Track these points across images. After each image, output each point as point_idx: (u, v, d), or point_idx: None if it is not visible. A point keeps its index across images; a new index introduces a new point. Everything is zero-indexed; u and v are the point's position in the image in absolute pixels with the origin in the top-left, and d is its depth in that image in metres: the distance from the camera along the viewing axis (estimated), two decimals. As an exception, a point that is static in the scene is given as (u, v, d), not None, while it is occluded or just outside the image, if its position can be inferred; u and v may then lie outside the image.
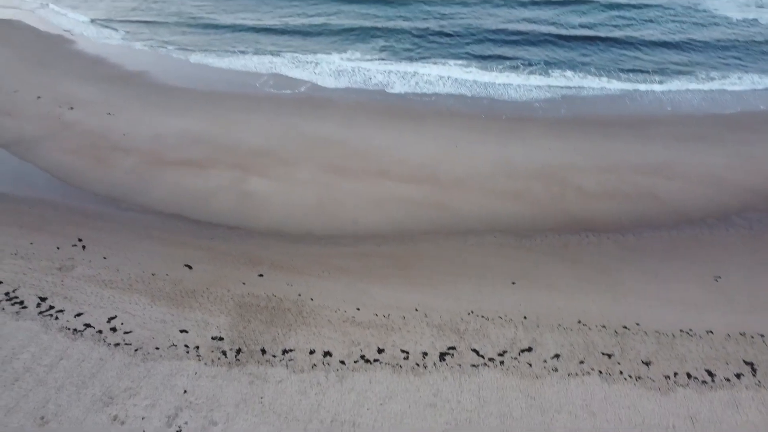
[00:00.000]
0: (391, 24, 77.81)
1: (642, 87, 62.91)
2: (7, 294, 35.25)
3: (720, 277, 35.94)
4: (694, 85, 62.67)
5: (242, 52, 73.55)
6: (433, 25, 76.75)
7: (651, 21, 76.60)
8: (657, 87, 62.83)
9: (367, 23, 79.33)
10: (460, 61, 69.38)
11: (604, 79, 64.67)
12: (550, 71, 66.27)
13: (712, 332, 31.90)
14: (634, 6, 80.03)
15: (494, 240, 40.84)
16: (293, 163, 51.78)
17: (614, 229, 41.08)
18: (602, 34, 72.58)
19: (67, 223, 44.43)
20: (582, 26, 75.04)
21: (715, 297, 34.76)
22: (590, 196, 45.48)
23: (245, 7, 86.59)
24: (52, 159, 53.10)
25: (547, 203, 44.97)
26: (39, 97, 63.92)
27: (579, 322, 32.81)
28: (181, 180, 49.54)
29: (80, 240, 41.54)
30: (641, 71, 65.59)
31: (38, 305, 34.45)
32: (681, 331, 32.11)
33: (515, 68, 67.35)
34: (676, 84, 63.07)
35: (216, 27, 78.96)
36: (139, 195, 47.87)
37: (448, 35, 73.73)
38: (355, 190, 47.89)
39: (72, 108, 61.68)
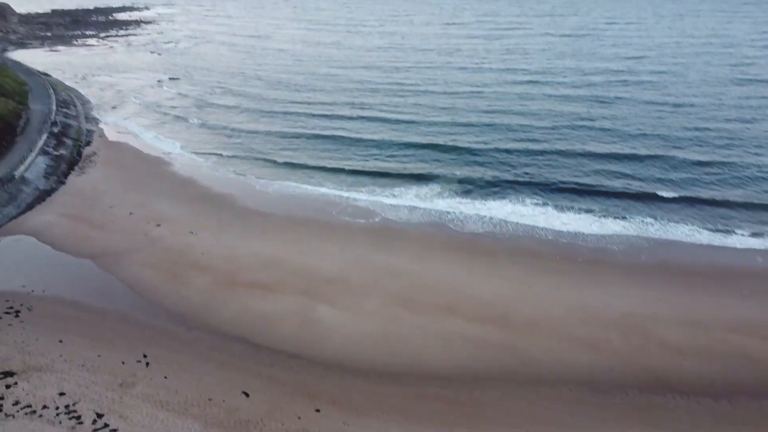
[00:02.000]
0: (466, 168, 79.81)
1: (732, 239, 59.82)
2: (67, 407, 35.19)
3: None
4: (790, 242, 59.01)
5: (320, 184, 77.07)
6: (507, 168, 78.04)
7: (741, 178, 74.21)
8: (751, 241, 59.55)
9: (443, 167, 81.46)
10: (534, 200, 69.29)
11: (690, 227, 62.17)
12: (628, 216, 64.69)
13: None
14: (724, 163, 78.16)
15: (569, 394, 37.71)
16: (361, 292, 51.41)
17: (705, 392, 37.09)
18: (687, 192, 70.29)
19: (135, 337, 45.05)
20: (662, 180, 73.59)
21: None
22: (676, 352, 41.91)
23: (327, 149, 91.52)
24: (132, 272, 55.27)
25: (627, 356, 41.70)
26: (131, 213, 68.16)
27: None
28: (249, 302, 49.92)
29: (145, 356, 41.74)
30: (732, 224, 62.71)
31: (94, 422, 34.02)
32: None
33: (590, 211, 66.31)
34: (771, 240, 59.60)
35: (297, 166, 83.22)
36: (208, 314, 48.35)
37: (524, 180, 74.28)
38: (422, 326, 46.45)
39: (159, 225, 65.13)
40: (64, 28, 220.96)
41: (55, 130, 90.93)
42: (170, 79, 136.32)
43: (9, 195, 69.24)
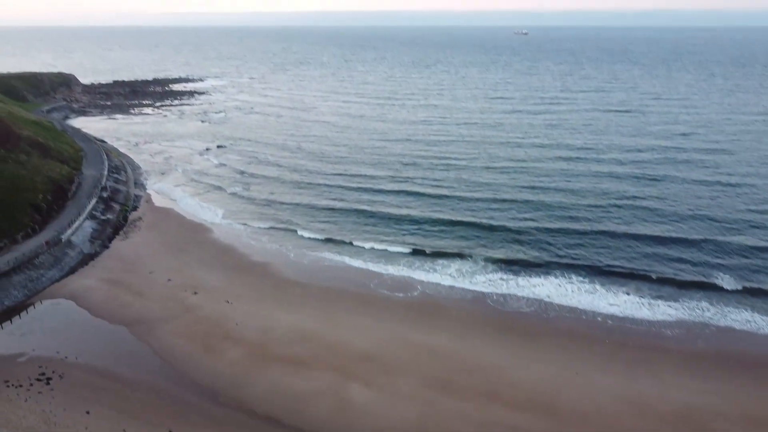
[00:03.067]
0: (509, 245, 77.99)
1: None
2: (86, 487, 33.64)
3: None
4: None
5: (359, 256, 76.24)
6: (550, 247, 75.61)
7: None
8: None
9: (485, 243, 79.84)
10: (579, 281, 66.48)
11: (750, 314, 58.15)
12: (681, 300, 61.09)
13: None
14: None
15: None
16: (397, 372, 49.09)
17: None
18: (746, 282, 65.94)
19: (163, 412, 43.63)
20: (717, 266, 69.84)
21: None
22: (741, 454, 37.99)
23: (367, 222, 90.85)
24: (165, 342, 54.44)
25: (687, 457, 37.97)
26: (169, 280, 68.25)
27: None
28: (281, 378, 48.14)
29: (170, 432, 40.21)
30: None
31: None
32: None
33: (639, 293, 62.98)
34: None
35: (337, 238, 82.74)
36: (238, 389, 46.72)
37: (568, 260, 71.53)
38: (461, 412, 43.69)
39: (196, 293, 64.83)
40: (123, 97, 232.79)
41: (105, 194, 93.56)
42: (217, 147, 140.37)
43: (54, 258, 70.49)
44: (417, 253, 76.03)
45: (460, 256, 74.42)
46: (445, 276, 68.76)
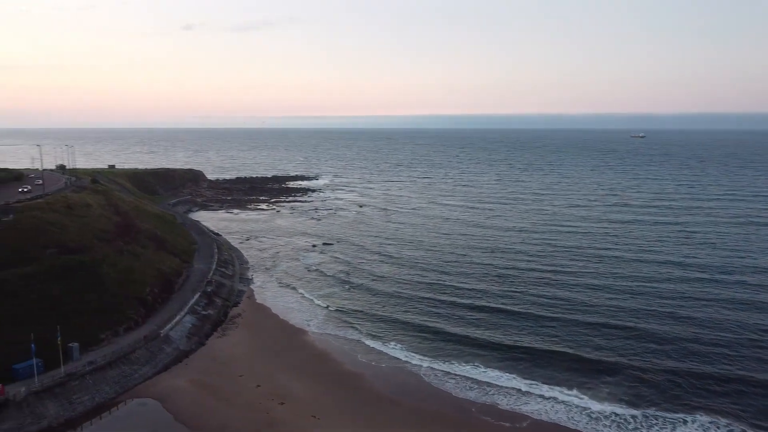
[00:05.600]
0: (635, 361, 68.20)
1: None
2: None
3: None
4: None
5: (467, 362, 69.70)
6: (688, 388, 64.25)
7: None
8: None
9: (607, 356, 70.77)
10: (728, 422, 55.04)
11: None
12: None
13: None
14: None
15: None
16: None
17: None
18: None
19: None
20: None
21: None
22: None
23: (475, 325, 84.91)
24: (243, 460, 49.99)
25: None
26: (258, 386, 64.72)
27: None
28: None
29: None
30: None
31: None
32: None
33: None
34: None
35: (440, 345, 76.77)
36: None
37: (718, 407, 60.03)
38: None
39: (282, 403, 60.54)
40: (242, 193, 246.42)
41: (209, 289, 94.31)
42: (324, 244, 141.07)
43: (149, 354, 69.77)
44: (524, 370, 67.99)
45: (570, 382, 65.39)
46: (558, 408, 59.83)
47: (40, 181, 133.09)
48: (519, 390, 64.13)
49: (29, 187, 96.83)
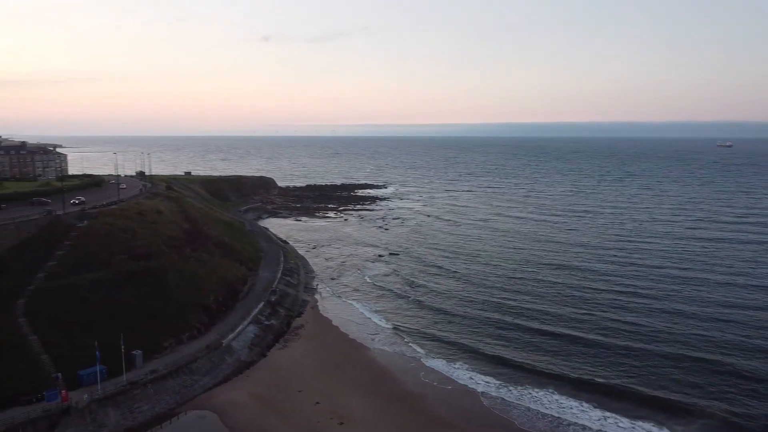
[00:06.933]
0: (725, 403, 61.47)
1: None
2: None
3: None
4: None
5: (539, 387, 65.55)
6: None
7: None
8: None
9: (692, 394, 64.39)
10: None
11: None
12: None
13: None
14: None
15: None
16: None
17: None
18: None
19: None
20: None
21: None
22: None
23: (543, 349, 79.95)
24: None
25: None
26: (317, 403, 62.55)
27: None
28: None
29: None
30: None
31: None
32: None
33: None
34: None
35: (507, 367, 72.12)
36: None
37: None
38: None
39: (342, 423, 58.03)
40: (312, 200, 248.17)
41: (273, 298, 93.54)
42: (390, 254, 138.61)
43: (211, 364, 69.11)
44: (597, 410, 62.16)
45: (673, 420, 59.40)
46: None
47: (124, 186, 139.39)
48: (589, 428, 58.54)
49: (82, 198, 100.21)
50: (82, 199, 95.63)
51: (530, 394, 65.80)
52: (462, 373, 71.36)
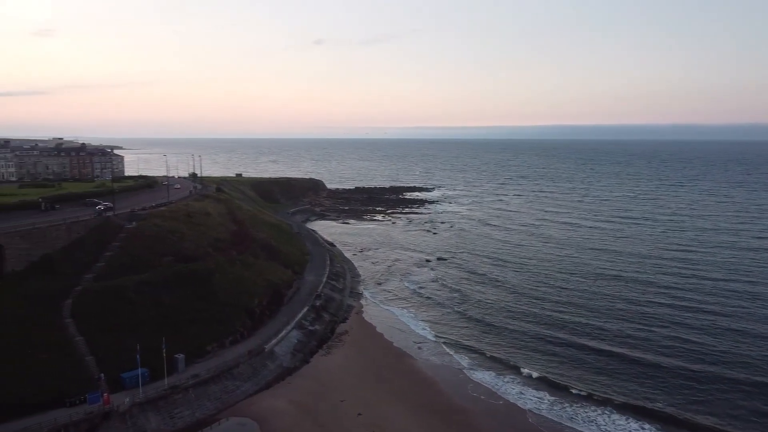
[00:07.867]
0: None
1: None
2: None
3: None
4: None
5: (584, 416, 61.05)
6: None
7: None
8: None
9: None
10: None
11: None
12: None
13: None
14: None
15: None
16: None
17: None
18: None
19: None
20: None
21: None
22: None
23: (594, 368, 75.81)
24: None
25: None
26: (359, 414, 60.53)
27: None
28: None
29: None
30: None
31: None
32: None
33: None
34: None
35: (566, 382, 68.35)
36: None
37: None
38: None
39: (383, 437, 55.86)
40: (360, 203, 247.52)
41: (318, 303, 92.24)
42: (438, 259, 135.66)
43: (253, 370, 68.08)
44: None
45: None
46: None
47: (178, 186, 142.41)
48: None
49: (109, 203, 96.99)
50: (109, 204, 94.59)
51: (584, 413, 61.81)
52: (511, 388, 68.06)
